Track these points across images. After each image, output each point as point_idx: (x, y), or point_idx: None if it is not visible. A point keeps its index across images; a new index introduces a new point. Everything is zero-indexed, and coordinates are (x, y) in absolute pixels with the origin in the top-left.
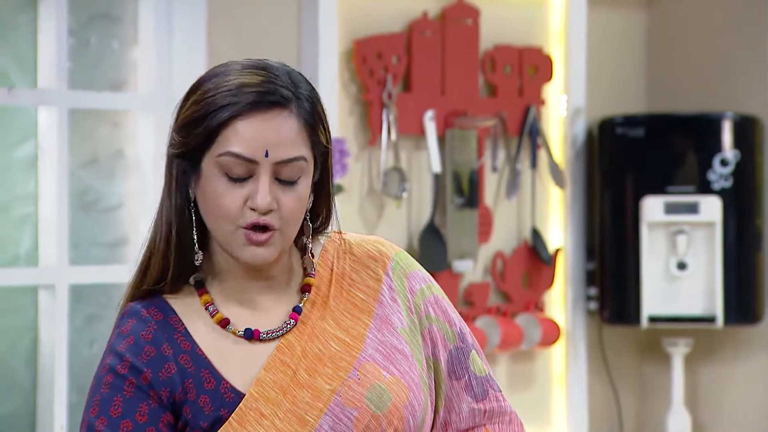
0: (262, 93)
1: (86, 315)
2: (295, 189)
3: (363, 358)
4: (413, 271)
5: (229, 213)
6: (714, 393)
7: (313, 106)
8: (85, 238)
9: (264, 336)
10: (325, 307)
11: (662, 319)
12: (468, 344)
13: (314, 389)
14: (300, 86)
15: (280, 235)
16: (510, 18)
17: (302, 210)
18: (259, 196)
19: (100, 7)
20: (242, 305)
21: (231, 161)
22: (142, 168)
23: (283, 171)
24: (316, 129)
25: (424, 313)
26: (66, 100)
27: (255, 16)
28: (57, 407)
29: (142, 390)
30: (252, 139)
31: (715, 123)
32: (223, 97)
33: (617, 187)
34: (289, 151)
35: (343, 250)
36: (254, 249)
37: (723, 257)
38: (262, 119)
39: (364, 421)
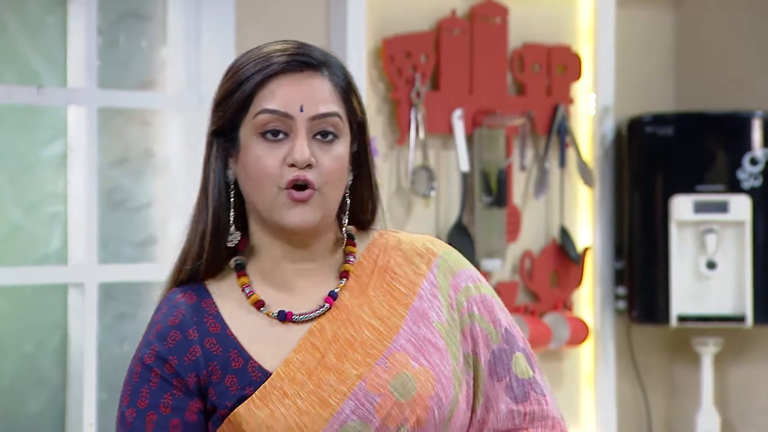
0: (294, 55)
1: (115, 313)
2: (333, 148)
3: (394, 348)
4: (460, 270)
5: (269, 173)
6: (743, 393)
7: (346, 76)
8: (114, 236)
9: (297, 318)
10: (363, 295)
11: (691, 319)
12: (514, 346)
13: (340, 373)
14: (331, 58)
15: (321, 196)
16: (538, 16)
17: (341, 172)
18: (296, 150)
19: (129, 6)
20: (279, 288)
21: (267, 118)
22: (171, 167)
23: (318, 128)
24: (349, 95)
25: (467, 310)
26: (95, 99)
27: (283, 15)
28: (86, 405)
29: (166, 381)
30: (286, 96)
31: (744, 121)
32: (255, 65)
33: (646, 186)
34: (324, 106)
35: (392, 246)
36: (296, 209)
37: (752, 256)
38: (295, 78)
39: (386, 408)
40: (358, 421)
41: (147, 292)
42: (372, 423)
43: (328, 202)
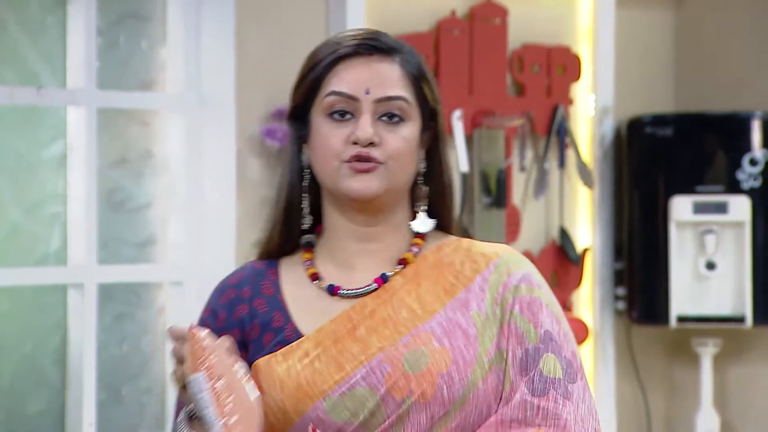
0: (365, 39)
1: (115, 314)
2: (399, 130)
3: (423, 328)
4: (518, 271)
5: (334, 149)
6: (743, 393)
7: (419, 64)
8: (114, 237)
9: (343, 293)
10: (414, 282)
11: (691, 319)
12: (549, 347)
13: (365, 344)
14: (406, 47)
15: (385, 169)
16: (538, 17)
17: (408, 152)
18: (359, 128)
19: (129, 6)
20: (339, 265)
21: (334, 100)
22: (170, 167)
23: (384, 109)
24: (420, 81)
25: (510, 308)
26: (95, 100)
27: (283, 16)
28: (86, 406)
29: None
30: (353, 79)
31: (744, 122)
32: (327, 48)
33: (646, 187)
34: (389, 90)
35: (463, 248)
36: (359, 177)
37: (752, 257)
38: (364, 62)
39: (393, 378)
40: (366, 388)
41: (146, 293)
42: (378, 391)
43: (393, 175)
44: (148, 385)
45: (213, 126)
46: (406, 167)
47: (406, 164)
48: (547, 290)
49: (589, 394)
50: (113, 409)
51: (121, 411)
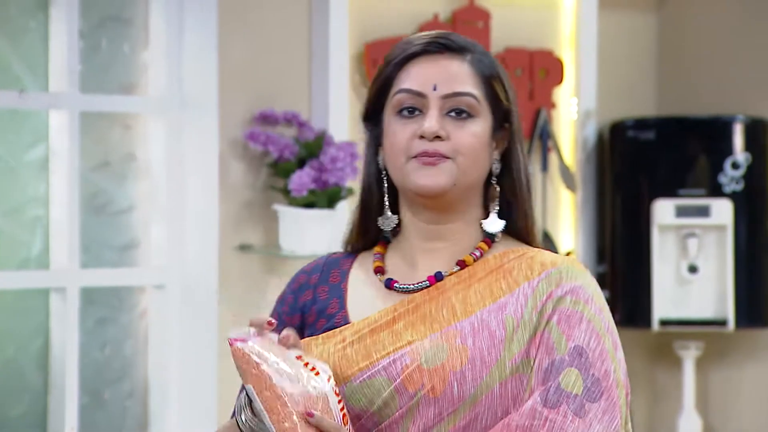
0: (435, 38)
1: (97, 318)
2: (467, 126)
3: (455, 327)
4: (569, 282)
5: (401, 145)
6: (725, 396)
7: (492, 64)
8: (96, 240)
9: (398, 287)
10: (466, 284)
11: (673, 323)
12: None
13: (397, 337)
14: (479, 48)
15: (454, 165)
16: (521, 21)
17: (478, 148)
18: (426, 123)
19: (111, 9)
20: (404, 262)
21: (402, 97)
22: (153, 170)
23: (452, 106)
24: (492, 81)
25: (547, 317)
26: (77, 103)
27: (266, 20)
28: (68, 409)
29: (281, 317)
30: (421, 76)
31: (726, 126)
32: (399, 49)
33: (628, 190)
34: (457, 86)
35: (527, 256)
36: (425, 171)
37: (734, 260)
38: (433, 59)
39: (410, 369)
40: (384, 377)
41: (129, 297)
42: (394, 381)
43: (461, 171)
44: (131, 388)
45: (195, 129)
46: (475, 163)
47: (475, 160)
48: (596, 307)
49: (611, 417)
50: (95, 412)
51: (103, 415)
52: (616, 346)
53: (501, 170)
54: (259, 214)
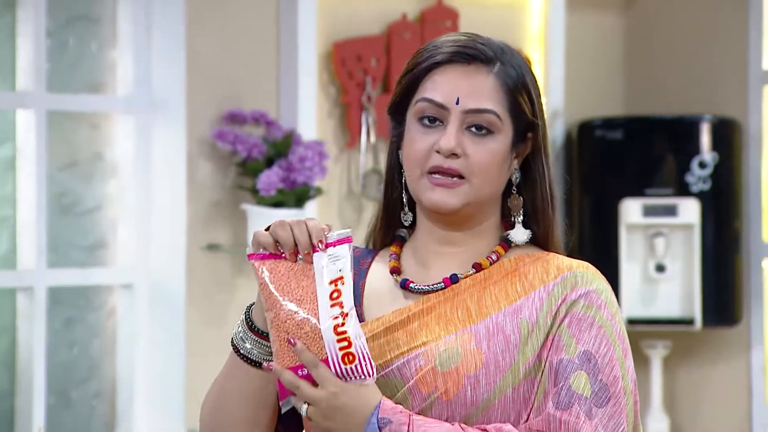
0: (463, 47)
1: (64, 318)
2: (486, 143)
3: (469, 329)
4: (584, 287)
5: (417, 156)
6: (692, 395)
7: (520, 75)
8: (64, 240)
9: (413, 288)
10: (481, 286)
11: (641, 321)
12: (585, 366)
13: (412, 337)
14: (508, 55)
15: (468, 186)
16: (489, 20)
17: (494, 166)
18: (444, 138)
19: (79, 8)
20: (419, 262)
21: (424, 106)
22: (120, 170)
23: (472, 122)
24: (516, 94)
25: (560, 320)
26: (44, 103)
27: (234, 19)
28: (35, 410)
29: None
30: (445, 87)
31: (693, 125)
32: (428, 51)
33: (596, 190)
34: (480, 102)
35: (542, 260)
36: (437, 191)
37: (701, 259)
38: (459, 70)
39: (424, 371)
40: (398, 377)
41: (96, 296)
42: (408, 381)
43: (476, 191)
44: (98, 389)
45: (163, 128)
46: (490, 181)
47: (490, 178)
48: (608, 312)
49: (616, 423)
50: (63, 413)
51: (70, 415)
52: (626, 354)
53: (523, 179)
54: (227, 214)
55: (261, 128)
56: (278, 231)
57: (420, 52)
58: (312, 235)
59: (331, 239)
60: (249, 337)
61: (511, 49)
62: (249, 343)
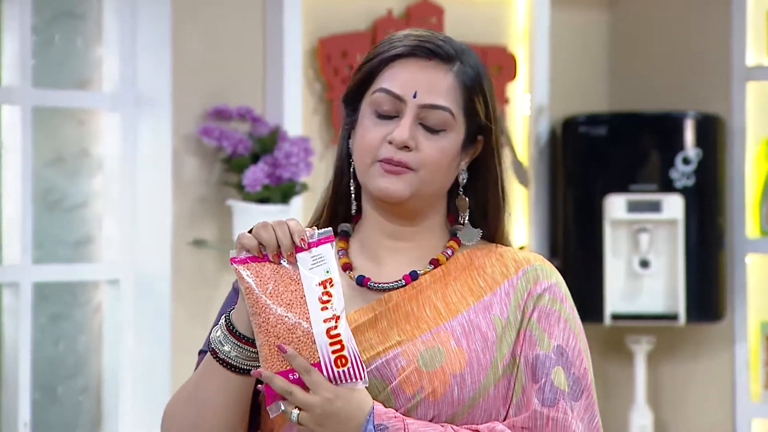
0: (425, 41)
1: (50, 313)
2: (438, 140)
3: (444, 327)
4: (546, 280)
5: (369, 145)
6: (676, 390)
7: (477, 76)
8: (49, 236)
9: (372, 285)
10: (442, 282)
11: (625, 317)
12: (560, 361)
13: (385, 336)
14: (467, 55)
15: (416, 177)
16: (474, 17)
17: (444, 163)
18: (398, 130)
19: (64, 4)
20: (370, 258)
21: (381, 97)
22: (106, 166)
23: (427, 117)
24: (473, 96)
25: (529, 315)
26: (30, 98)
27: (219, 15)
28: (21, 405)
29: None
30: (404, 80)
31: (677, 122)
32: (389, 43)
33: (580, 186)
34: (437, 98)
35: (497, 253)
36: (387, 178)
37: (685, 255)
38: (419, 64)
39: (407, 371)
40: (379, 378)
41: (82, 292)
42: (390, 383)
43: (422, 183)
44: (84, 384)
45: (149, 125)
46: (438, 177)
47: (439, 174)
48: (569, 305)
49: (591, 415)
50: (49, 408)
51: (56, 411)
52: (587, 346)
53: (473, 179)
54: (212, 210)
55: (247, 124)
56: (261, 233)
57: (381, 44)
58: (294, 235)
59: (312, 239)
60: (229, 341)
61: (470, 51)
62: (229, 346)
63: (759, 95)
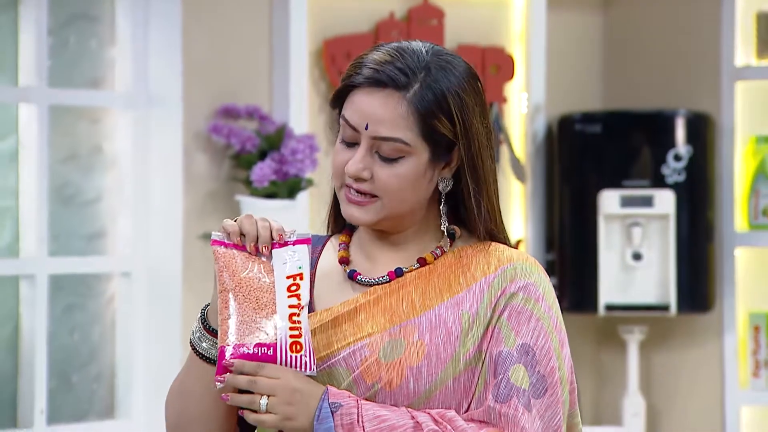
0: (379, 72)
1: (65, 304)
2: (394, 167)
3: (413, 321)
4: (522, 279)
5: (337, 169)
6: (667, 378)
7: (438, 96)
8: (65, 230)
9: (360, 280)
10: (426, 279)
11: (618, 308)
12: (524, 359)
13: (358, 328)
14: (432, 73)
15: (381, 203)
16: (473, 19)
17: (404, 187)
18: (350, 162)
19: (79, 7)
20: (366, 255)
21: (344, 125)
22: (119, 163)
23: (380, 147)
24: (430, 120)
25: (500, 312)
26: (46, 98)
27: (228, 17)
28: (37, 393)
29: None
30: (359, 110)
31: (668, 120)
32: (355, 68)
33: (575, 181)
34: (388, 130)
35: (485, 251)
36: (350, 207)
37: (676, 248)
38: (374, 94)
39: (368, 362)
40: (344, 368)
41: (96, 284)
42: (353, 372)
43: (389, 209)
44: (98, 372)
45: (160, 123)
46: (403, 199)
47: (402, 197)
48: (545, 305)
49: (553, 413)
50: (64, 395)
51: (71, 398)
52: (563, 344)
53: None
54: (221, 205)
55: (254, 122)
56: (244, 222)
57: (351, 65)
58: (273, 231)
59: (290, 239)
60: (205, 337)
61: (439, 64)
62: (206, 343)
63: (747, 94)
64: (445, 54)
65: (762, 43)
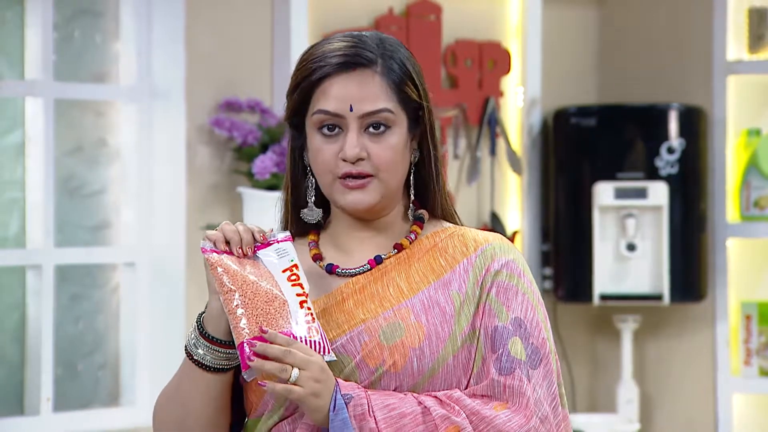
0: (346, 55)
1: (71, 294)
2: (385, 139)
3: (405, 304)
4: (503, 257)
5: (326, 164)
6: (660, 366)
7: (402, 65)
8: (70, 221)
9: (341, 272)
10: (406, 264)
11: (613, 297)
12: (519, 332)
13: (350, 315)
14: (388, 49)
15: (378, 181)
16: (470, 14)
17: (397, 159)
18: (347, 146)
19: (83, 2)
20: (339, 249)
21: (321, 118)
22: (123, 155)
23: (369, 123)
24: (403, 86)
25: (488, 290)
26: (51, 91)
27: (230, 12)
28: (44, 381)
29: None
30: (338, 97)
31: (662, 113)
32: (314, 63)
33: (571, 174)
34: (373, 104)
35: (458, 234)
36: (352, 194)
37: (669, 239)
38: (347, 78)
39: (369, 347)
40: (344, 354)
41: (101, 274)
42: (354, 357)
43: (386, 185)
44: (103, 360)
45: (164, 116)
46: (396, 171)
47: (396, 170)
48: (527, 280)
49: (549, 382)
50: (69, 383)
51: (77, 386)
52: (546, 317)
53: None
54: (224, 196)
55: (256, 116)
56: (225, 228)
57: (305, 65)
58: (255, 233)
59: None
60: (201, 344)
61: (388, 41)
62: (202, 350)
63: (739, 88)
64: (381, 33)
65: (754, 38)
